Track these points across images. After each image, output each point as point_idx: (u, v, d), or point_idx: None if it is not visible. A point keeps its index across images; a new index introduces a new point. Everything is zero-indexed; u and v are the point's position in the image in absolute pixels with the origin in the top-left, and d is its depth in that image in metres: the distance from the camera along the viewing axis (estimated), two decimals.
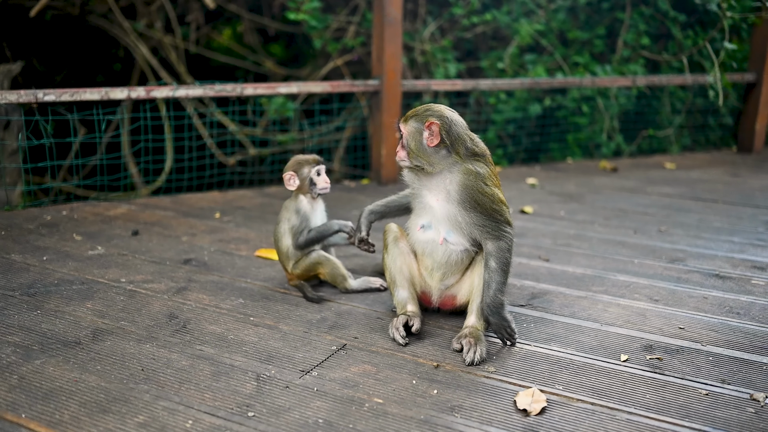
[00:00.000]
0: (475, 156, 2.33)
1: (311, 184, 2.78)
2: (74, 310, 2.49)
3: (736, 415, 1.89)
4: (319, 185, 2.79)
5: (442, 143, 2.29)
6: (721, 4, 4.99)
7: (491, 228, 2.30)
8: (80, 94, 3.74)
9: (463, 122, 2.37)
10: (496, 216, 2.31)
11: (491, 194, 2.31)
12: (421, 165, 2.32)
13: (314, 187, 2.78)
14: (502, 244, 2.31)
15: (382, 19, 4.46)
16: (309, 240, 2.76)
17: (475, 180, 2.29)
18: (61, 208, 3.82)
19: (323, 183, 2.79)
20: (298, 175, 2.76)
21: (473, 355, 2.19)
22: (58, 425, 1.78)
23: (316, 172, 2.77)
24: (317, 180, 2.78)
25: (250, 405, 1.90)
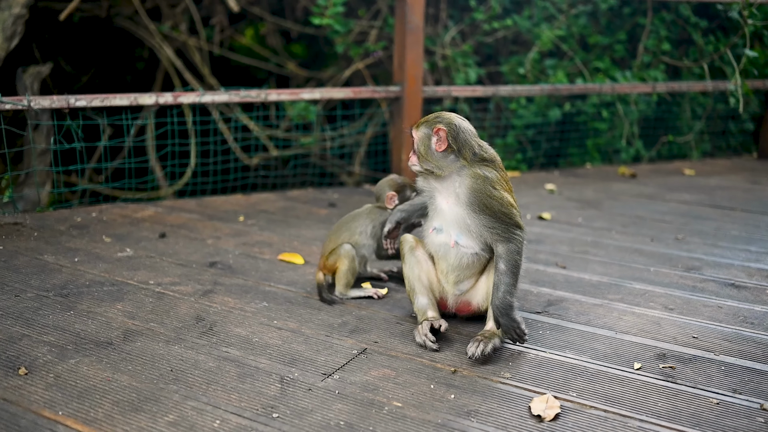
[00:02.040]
0: (483, 161, 2.42)
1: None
2: (105, 311, 2.59)
3: (745, 425, 1.94)
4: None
5: (449, 148, 2.39)
6: (743, 11, 4.99)
7: (501, 230, 2.38)
8: (110, 100, 3.85)
9: (472, 129, 2.46)
10: (505, 219, 2.38)
11: (500, 197, 2.39)
12: (431, 169, 2.42)
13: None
14: (512, 247, 2.38)
15: (403, 26, 4.53)
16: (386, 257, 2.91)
17: (483, 183, 2.38)
18: (90, 210, 3.94)
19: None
20: (400, 196, 2.86)
21: (474, 350, 2.28)
22: (93, 423, 1.87)
23: (414, 194, 2.85)
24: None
25: (274, 406, 1.98)
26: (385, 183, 2.94)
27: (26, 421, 1.86)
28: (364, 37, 5.88)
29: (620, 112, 5.87)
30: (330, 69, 6.53)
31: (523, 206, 4.33)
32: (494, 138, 5.94)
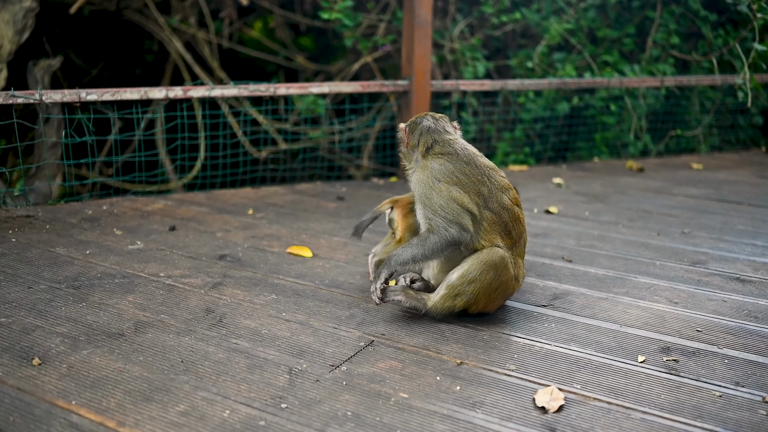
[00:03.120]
0: (439, 155, 2.56)
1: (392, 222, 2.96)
2: (117, 302, 2.63)
3: (747, 417, 1.97)
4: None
5: (412, 143, 2.67)
6: (752, 5, 4.98)
7: (434, 222, 2.50)
8: (120, 94, 3.89)
9: (435, 127, 2.64)
10: (441, 212, 2.48)
11: (439, 189, 2.49)
12: (403, 164, 2.74)
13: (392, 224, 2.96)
14: (433, 237, 2.49)
15: (412, 20, 4.55)
16: None
17: (427, 175, 2.53)
18: (101, 203, 3.98)
19: None
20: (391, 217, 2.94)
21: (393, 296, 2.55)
22: (105, 412, 1.92)
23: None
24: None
25: (283, 397, 2.02)
26: None
27: (40, 411, 1.91)
28: (373, 30, 5.90)
29: (628, 106, 5.87)
30: (339, 62, 6.55)
31: (530, 200, 4.35)
32: (502, 132, 5.96)
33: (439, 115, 2.72)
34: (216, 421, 1.89)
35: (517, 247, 2.57)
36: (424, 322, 2.56)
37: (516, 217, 2.56)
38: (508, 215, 2.53)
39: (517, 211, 2.58)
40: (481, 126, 5.95)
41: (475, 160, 2.56)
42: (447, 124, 2.69)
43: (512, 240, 2.54)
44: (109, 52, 6.95)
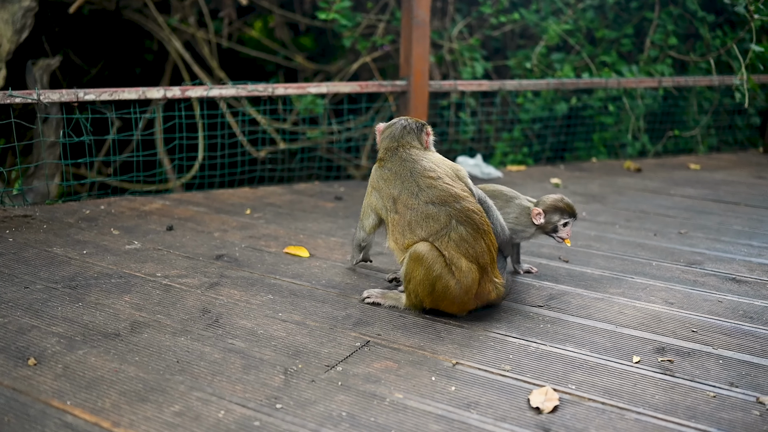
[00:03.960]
0: (382, 160, 2.75)
1: (554, 230, 2.91)
2: (113, 303, 2.64)
3: (741, 418, 1.97)
4: (560, 234, 2.91)
5: (379, 145, 2.86)
6: (749, 6, 4.99)
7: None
8: (119, 94, 3.90)
9: (398, 133, 2.78)
10: (361, 212, 2.84)
11: (367, 192, 2.79)
12: None
13: (555, 234, 2.92)
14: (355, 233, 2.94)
15: (410, 20, 4.55)
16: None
17: (370, 177, 2.80)
18: (99, 203, 3.99)
19: (565, 234, 2.91)
20: (546, 217, 2.88)
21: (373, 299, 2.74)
22: (100, 412, 1.92)
23: (563, 223, 2.89)
24: (561, 230, 2.91)
25: (278, 397, 2.03)
26: (545, 198, 2.95)
27: (35, 411, 1.91)
28: (372, 30, 5.90)
29: (626, 106, 5.88)
30: (338, 62, 6.56)
31: None
32: (501, 132, 5.97)
33: (417, 125, 2.80)
34: (211, 422, 1.89)
35: (439, 240, 2.51)
36: (420, 322, 2.57)
37: (428, 215, 2.52)
38: (419, 215, 2.54)
39: (434, 211, 2.52)
40: (480, 126, 5.96)
41: (412, 168, 2.63)
42: (416, 136, 2.78)
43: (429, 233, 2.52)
44: (108, 51, 6.95)
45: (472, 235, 2.50)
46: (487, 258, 2.54)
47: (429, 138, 2.82)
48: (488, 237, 2.55)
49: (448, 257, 2.49)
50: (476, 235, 2.51)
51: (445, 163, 2.73)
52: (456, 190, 2.58)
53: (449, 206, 2.53)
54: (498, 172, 5.06)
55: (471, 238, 2.50)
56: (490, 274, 2.56)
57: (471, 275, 2.49)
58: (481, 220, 2.55)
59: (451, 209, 2.53)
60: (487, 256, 2.54)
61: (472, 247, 2.50)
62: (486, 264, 2.54)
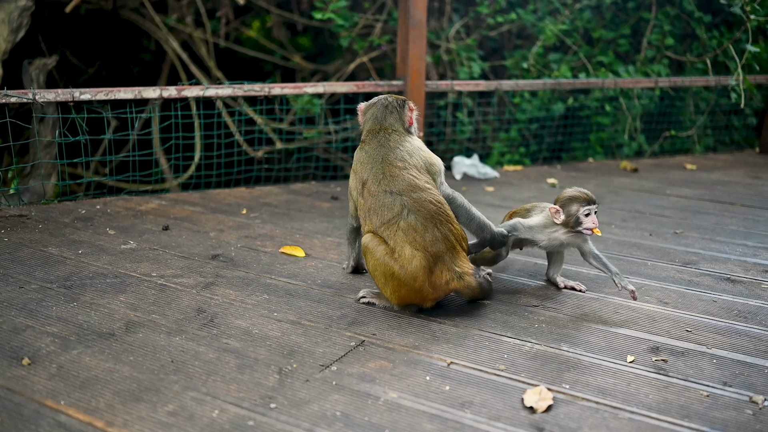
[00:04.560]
0: (363, 143, 2.77)
1: (577, 222, 2.70)
2: (108, 302, 2.64)
3: (734, 417, 1.98)
4: (585, 225, 2.70)
5: (362, 125, 2.88)
6: (745, 6, 5.00)
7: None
8: (114, 93, 3.90)
9: (383, 117, 2.78)
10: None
11: (351, 176, 2.77)
12: None
13: (580, 227, 2.71)
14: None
15: (406, 21, 4.56)
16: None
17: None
18: (95, 203, 3.99)
19: (590, 224, 2.69)
20: (564, 211, 2.71)
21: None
22: (94, 412, 1.92)
23: (584, 212, 2.69)
24: (585, 221, 2.70)
25: (272, 397, 2.03)
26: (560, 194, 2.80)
27: (29, 411, 1.91)
28: (369, 30, 5.91)
29: (623, 106, 5.89)
30: (336, 62, 6.56)
31: (524, 200, 4.36)
32: (498, 132, 5.97)
33: (398, 103, 2.81)
34: (205, 421, 1.90)
35: (389, 228, 2.56)
36: (415, 322, 2.57)
37: (384, 203, 2.56)
38: (377, 203, 2.58)
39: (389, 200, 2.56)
40: (477, 126, 5.96)
41: (385, 155, 2.65)
42: (399, 115, 2.79)
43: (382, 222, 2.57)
44: (105, 51, 6.95)
45: (423, 224, 2.53)
46: (442, 247, 2.54)
47: (412, 114, 2.85)
48: (445, 227, 2.56)
49: (392, 245, 2.54)
50: (427, 224, 2.53)
51: (420, 154, 2.72)
52: (418, 181, 2.60)
53: (405, 196, 2.56)
54: (495, 172, 5.06)
55: (421, 227, 2.52)
56: (447, 263, 2.55)
57: (415, 261, 2.51)
58: (438, 211, 2.56)
59: (407, 199, 2.56)
60: (442, 245, 2.54)
61: (420, 236, 2.52)
62: (439, 252, 2.53)
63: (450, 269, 2.55)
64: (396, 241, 2.53)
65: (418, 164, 2.67)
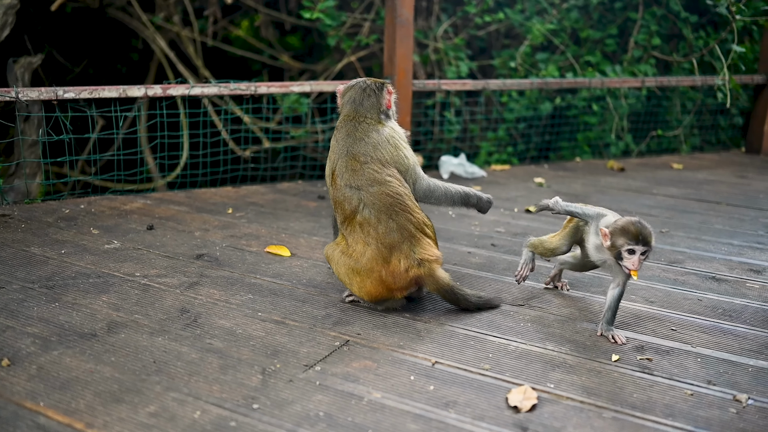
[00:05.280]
0: (337, 129, 2.76)
1: (618, 257, 2.42)
2: (90, 302, 2.61)
3: (718, 415, 1.98)
4: (625, 263, 2.40)
5: (339, 108, 2.88)
6: (731, 6, 5.01)
7: None
8: (99, 92, 3.86)
9: (358, 97, 2.77)
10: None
11: None
12: None
13: (620, 261, 2.42)
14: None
15: (393, 19, 4.55)
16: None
17: None
18: (79, 202, 3.95)
19: (629, 264, 2.39)
20: (612, 239, 2.42)
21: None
22: (74, 413, 1.90)
23: (628, 250, 2.38)
24: (625, 258, 2.39)
25: (255, 397, 2.01)
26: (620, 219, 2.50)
27: (7, 412, 1.89)
28: (357, 30, 5.89)
29: (610, 106, 5.90)
30: (324, 61, 6.54)
31: (511, 199, 4.36)
32: (486, 131, 5.97)
33: (376, 86, 2.80)
34: (186, 422, 1.88)
35: (350, 225, 2.60)
36: (400, 321, 2.56)
37: (345, 197, 2.59)
38: (339, 196, 2.62)
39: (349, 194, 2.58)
40: (465, 126, 5.96)
41: (350, 147, 2.65)
42: (377, 98, 2.78)
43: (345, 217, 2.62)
44: (92, 50, 6.90)
45: (376, 217, 2.54)
46: (396, 236, 2.54)
47: (391, 97, 2.83)
48: (402, 216, 2.56)
49: (349, 242, 2.60)
50: (381, 216, 2.54)
51: (387, 147, 2.69)
52: (378, 176, 2.60)
53: (363, 191, 2.58)
54: (482, 172, 5.06)
55: (374, 220, 2.54)
56: (405, 251, 2.54)
57: (367, 254, 2.54)
58: (395, 202, 2.57)
59: (364, 193, 2.57)
60: (397, 235, 2.54)
61: (374, 229, 2.54)
62: (394, 242, 2.54)
63: (408, 257, 2.55)
64: (353, 238, 2.59)
65: (383, 158, 2.65)
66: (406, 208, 2.59)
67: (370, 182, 2.58)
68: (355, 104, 2.78)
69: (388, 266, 2.53)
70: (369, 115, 2.75)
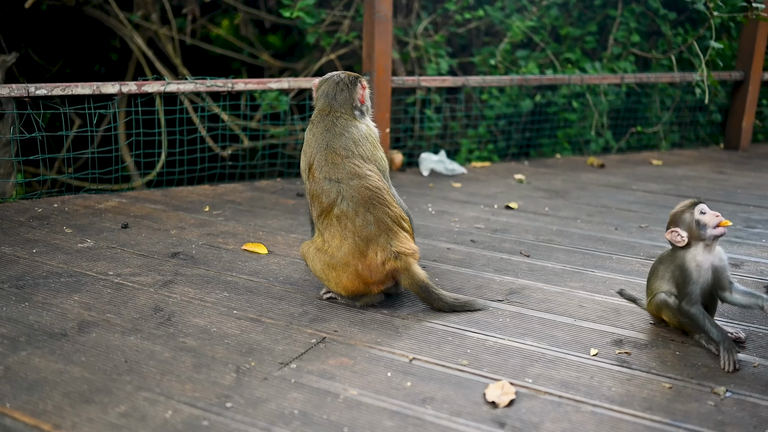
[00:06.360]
0: (312, 122, 2.74)
1: (701, 227, 2.30)
2: (61, 302, 2.56)
3: (696, 408, 1.96)
4: (711, 223, 2.29)
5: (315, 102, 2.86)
6: (708, 3, 5.03)
7: None
8: (72, 89, 3.80)
9: (331, 91, 2.75)
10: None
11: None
12: None
13: (705, 229, 2.30)
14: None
15: (372, 15, 4.51)
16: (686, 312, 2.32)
17: None
18: (52, 201, 3.88)
19: (714, 219, 2.29)
20: (682, 226, 2.33)
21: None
22: (41, 415, 1.85)
23: (700, 211, 2.31)
24: (705, 219, 2.30)
25: (228, 396, 1.97)
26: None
27: None
28: (336, 27, 5.85)
29: (590, 103, 5.90)
30: (304, 60, 6.50)
31: (491, 196, 4.35)
32: (467, 129, 5.95)
33: (350, 80, 2.77)
34: (157, 422, 1.83)
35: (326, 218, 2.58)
36: (379, 318, 2.53)
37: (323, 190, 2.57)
38: (317, 189, 2.59)
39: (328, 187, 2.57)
40: (445, 123, 5.94)
41: (330, 141, 2.63)
42: (350, 93, 2.75)
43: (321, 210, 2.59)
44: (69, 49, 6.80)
45: (354, 210, 2.53)
46: (374, 229, 2.53)
47: (364, 92, 2.81)
48: (379, 210, 2.55)
49: (325, 238, 2.57)
50: (359, 209, 2.53)
51: (367, 145, 2.69)
52: (359, 170, 2.59)
53: (343, 183, 2.56)
54: (462, 169, 5.04)
55: (352, 213, 2.53)
56: (382, 244, 2.53)
57: (344, 248, 2.53)
58: (373, 195, 2.56)
59: (344, 186, 2.55)
60: (374, 228, 2.53)
61: (351, 222, 2.53)
62: (371, 235, 2.52)
63: (384, 249, 2.53)
64: (329, 233, 2.56)
65: (364, 154, 2.65)
66: (384, 202, 2.57)
67: (350, 175, 2.57)
68: (328, 98, 2.75)
69: (364, 259, 2.51)
70: (343, 110, 2.73)
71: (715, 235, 2.30)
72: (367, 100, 2.82)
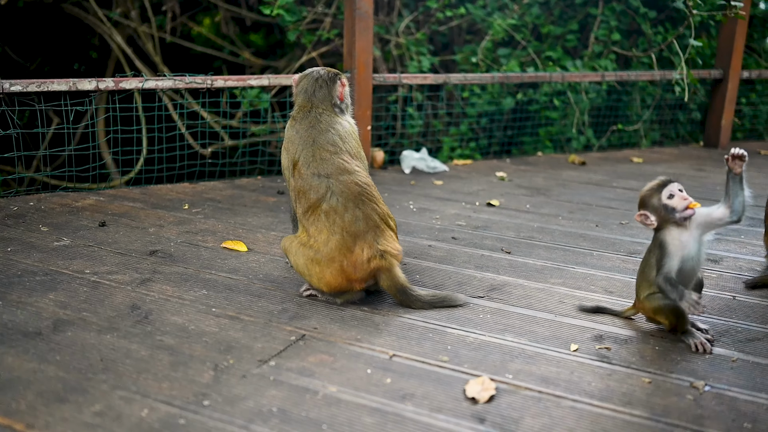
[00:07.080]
0: (293, 118, 2.74)
1: (669, 211, 2.29)
2: (36, 301, 2.51)
3: (675, 402, 1.97)
4: (679, 207, 2.27)
5: (294, 97, 2.85)
6: (688, 2, 5.06)
7: None
8: (47, 85, 3.74)
9: (311, 88, 2.74)
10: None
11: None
12: None
13: (674, 212, 2.28)
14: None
15: (353, 12, 4.49)
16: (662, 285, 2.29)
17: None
18: (28, 199, 3.82)
19: (681, 203, 2.28)
20: (650, 210, 2.32)
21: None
22: (14, 414, 1.81)
23: (667, 195, 2.29)
24: (673, 203, 2.29)
25: (206, 394, 1.94)
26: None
27: None
28: (317, 25, 5.82)
29: (571, 101, 5.92)
30: (285, 58, 6.46)
31: (473, 193, 4.34)
32: (449, 126, 5.95)
33: (329, 77, 2.76)
34: (133, 421, 1.80)
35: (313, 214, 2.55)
36: (358, 315, 2.51)
37: (311, 186, 2.55)
38: (305, 185, 2.57)
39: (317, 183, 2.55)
40: (427, 121, 5.93)
41: (316, 138, 2.62)
42: (329, 90, 2.74)
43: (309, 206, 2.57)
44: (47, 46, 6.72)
45: (343, 205, 2.51)
46: (362, 225, 2.51)
47: (344, 89, 2.81)
48: (368, 206, 2.54)
49: (310, 233, 2.54)
50: (348, 205, 2.52)
51: (352, 141, 2.69)
52: (348, 165, 2.58)
53: (332, 179, 2.55)
54: (444, 166, 5.03)
55: (341, 208, 2.51)
56: (369, 241, 2.51)
57: (331, 243, 2.50)
58: (362, 192, 2.55)
59: (333, 181, 2.54)
60: (362, 224, 2.51)
61: (340, 217, 2.51)
62: (359, 231, 2.51)
63: (371, 246, 2.51)
64: (316, 228, 2.53)
65: (351, 150, 2.65)
66: (372, 198, 2.57)
67: (340, 171, 2.55)
68: (307, 95, 2.74)
69: (351, 255, 2.49)
70: (325, 105, 2.71)
71: (685, 217, 2.28)
72: (346, 97, 2.81)
